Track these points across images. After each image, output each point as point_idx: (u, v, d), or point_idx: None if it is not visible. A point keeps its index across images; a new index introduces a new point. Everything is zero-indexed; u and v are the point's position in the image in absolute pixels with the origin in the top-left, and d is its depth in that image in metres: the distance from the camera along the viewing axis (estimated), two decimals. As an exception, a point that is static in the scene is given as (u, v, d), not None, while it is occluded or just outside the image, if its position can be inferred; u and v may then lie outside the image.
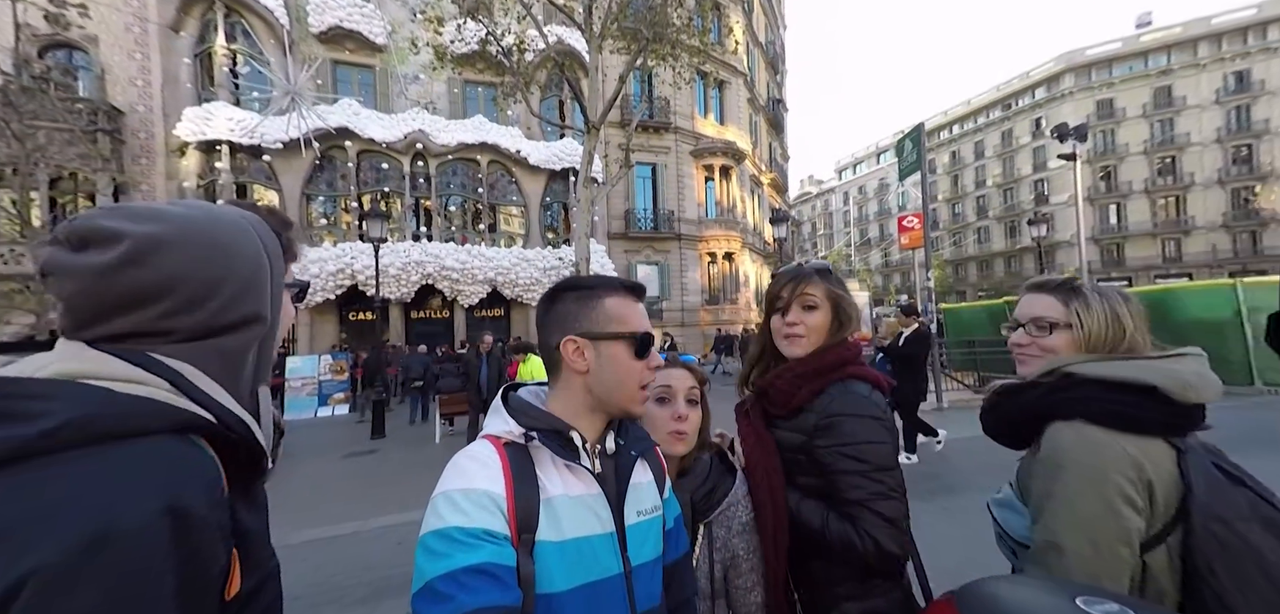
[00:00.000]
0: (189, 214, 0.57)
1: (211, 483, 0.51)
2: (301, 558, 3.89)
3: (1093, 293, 1.04)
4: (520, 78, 11.33)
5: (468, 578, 0.66)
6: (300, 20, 15.62)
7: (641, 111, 18.16)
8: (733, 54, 22.10)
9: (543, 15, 15.82)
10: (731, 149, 22.14)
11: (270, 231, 0.66)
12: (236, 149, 14.23)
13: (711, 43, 17.55)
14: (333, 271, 14.31)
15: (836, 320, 1.18)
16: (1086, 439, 0.90)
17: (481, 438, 0.81)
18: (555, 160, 17.52)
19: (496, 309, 17.01)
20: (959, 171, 53.87)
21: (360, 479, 6.25)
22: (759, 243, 25.75)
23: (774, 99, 30.33)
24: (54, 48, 13.93)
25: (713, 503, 1.06)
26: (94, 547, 0.41)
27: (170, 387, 0.52)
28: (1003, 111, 49.66)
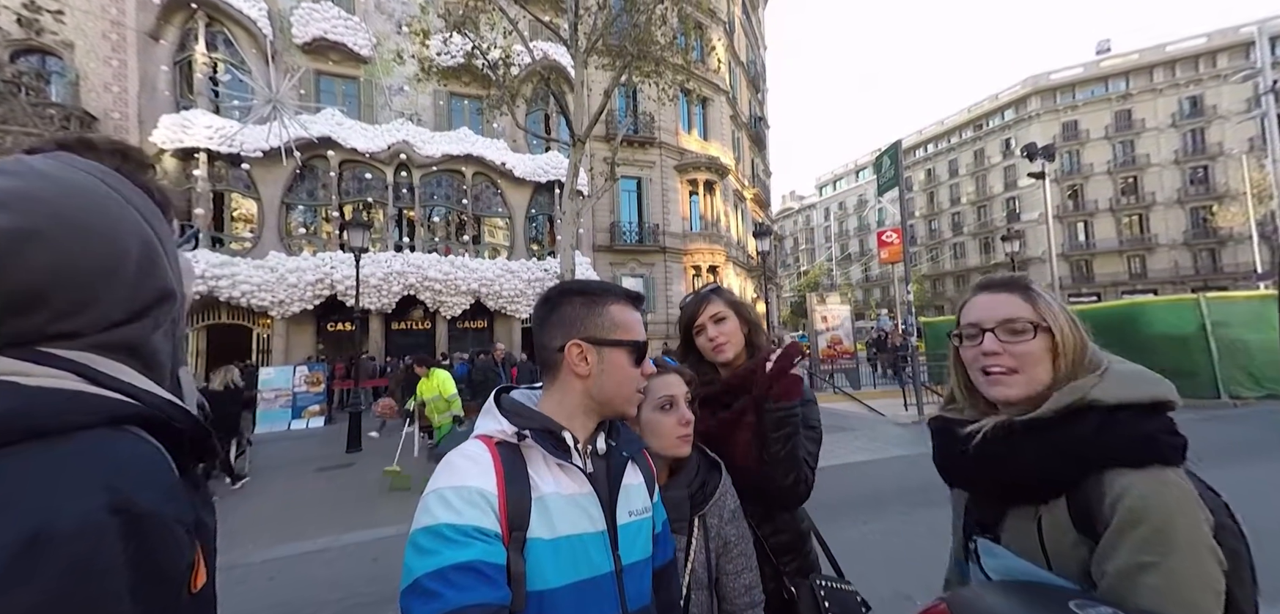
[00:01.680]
0: (33, 190, 0.45)
1: (161, 473, 0.48)
2: (267, 576, 3.75)
3: (1043, 290, 0.88)
4: (506, 91, 11.46)
5: (457, 575, 0.66)
6: (284, 31, 15.57)
7: (626, 126, 18.43)
8: (715, 72, 22.62)
9: (528, 31, 16.05)
10: (715, 164, 22.53)
11: (138, 189, 0.55)
12: (214, 157, 14.02)
13: (694, 61, 18.01)
14: (311, 281, 14.10)
15: (743, 322, 1.44)
16: (1179, 492, 0.72)
17: (474, 437, 0.83)
18: (541, 173, 17.62)
19: (480, 321, 16.90)
20: (934, 189, 55.53)
21: (334, 494, 6.07)
22: (743, 256, 26.11)
23: (756, 116, 31.01)
24: (27, 52, 13.66)
25: (706, 495, 1.13)
26: (28, 552, 0.37)
27: (79, 378, 0.47)
28: (974, 132, 51.50)
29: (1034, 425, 0.81)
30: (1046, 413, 0.81)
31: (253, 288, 13.66)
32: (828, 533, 1.49)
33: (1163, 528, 0.70)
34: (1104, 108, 43.56)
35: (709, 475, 1.17)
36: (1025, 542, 0.82)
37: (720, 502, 1.14)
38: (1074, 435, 0.78)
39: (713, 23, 23.12)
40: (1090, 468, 0.76)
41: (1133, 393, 0.78)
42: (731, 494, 1.17)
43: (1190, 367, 9.06)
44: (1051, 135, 42.13)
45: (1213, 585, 0.69)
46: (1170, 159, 41.12)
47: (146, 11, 14.39)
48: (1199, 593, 0.69)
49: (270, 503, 5.94)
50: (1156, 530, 0.71)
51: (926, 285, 52.55)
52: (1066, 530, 0.78)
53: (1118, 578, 0.72)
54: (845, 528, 3.72)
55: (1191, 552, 0.70)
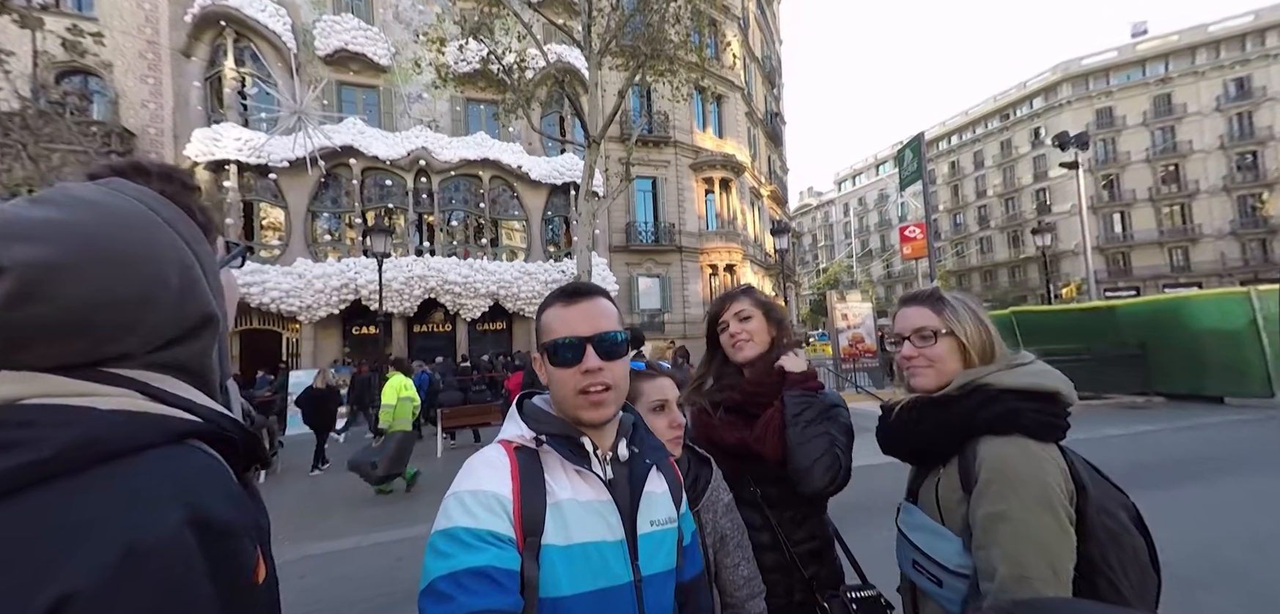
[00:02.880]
0: (69, 220, 0.47)
1: (226, 484, 0.51)
2: (299, 574, 3.85)
3: (956, 301, 1.08)
4: (521, 95, 11.57)
5: (469, 579, 0.67)
6: (307, 44, 16.04)
7: (641, 126, 18.40)
8: (730, 69, 22.44)
9: (542, 34, 16.20)
10: (731, 162, 22.35)
11: (180, 212, 0.57)
12: (244, 168, 14.53)
13: (708, 58, 17.89)
14: (336, 286, 14.49)
15: (771, 323, 1.44)
16: (1030, 454, 0.89)
17: (495, 442, 0.84)
18: (556, 175, 17.75)
19: (498, 323, 17.11)
20: (959, 182, 53.99)
21: (360, 494, 6.22)
22: (760, 255, 25.83)
23: (772, 112, 30.65)
24: (71, 73, 14.39)
25: (699, 490, 1.14)
26: (126, 564, 0.40)
27: (142, 396, 0.49)
28: (1001, 121, 49.90)
29: (936, 401, 1.03)
30: (949, 391, 1.01)
31: (282, 293, 14.11)
32: (849, 536, 1.47)
33: (1009, 482, 0.88)
34: (1141, 93, 41.70)
35: (700, 471, 1.18)
36: (929, 500, 1.02)
37: (713, 496, 1.16)
38: (960, 409, 0.99)
39: (727, 19, 22.94)
40: (969, 435, 0.96)
41: (1022, 381, 0.96)
42: (724, 488, 1.19)
43: (1240, 364, 8.57)
44: (1084, 123, 40.44)
45: (1041, 539, 0.84)
46: (1215, 145, 39.12)
47: (178, 30, 15.01)
48: (1026, 545, 0.84)
49: (301, 501, 6.13)
50: (1005, 485, 0.88)
51: (952, 281, 51.13)
52: (955, 489, 0.96)
53: (980, 527, 0.89)
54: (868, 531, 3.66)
55: (1029, 506, 0.86)
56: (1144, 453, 5.89)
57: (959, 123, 54.58)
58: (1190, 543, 3.31)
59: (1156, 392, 9.43)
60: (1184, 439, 6.52)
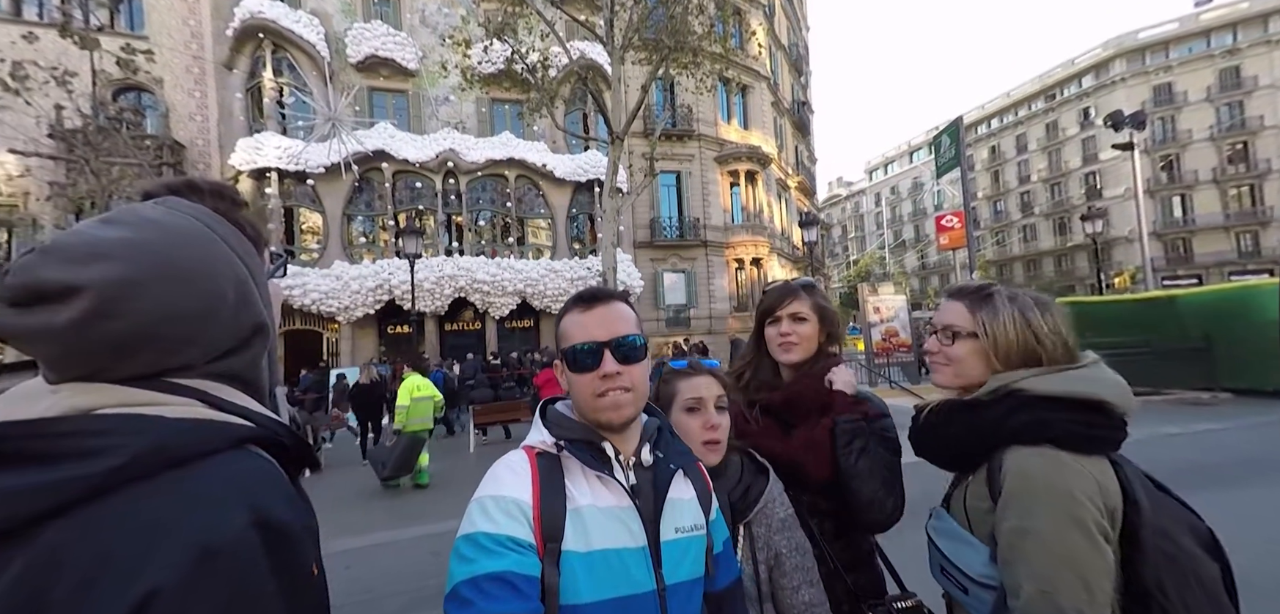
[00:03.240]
0: (137, 240, 0.50)
1: (282, 487, 0.53)
2: (343, 565, 4.00)
3: (1003, 300, 0.99)
4: (545, 94, 11.63)
5: (489, 585, 0.68)
6: (340, 52, 16.57)
7: (664, 120, 18.26)
8: (755, 58, 21.99)
9: (565, 31, 16.23)
10: (756, 154, 21.95)
11: (230, 226, 0.60)
12: (284, 175, 15.14)
13: (733, 48, 17.52)
14: (372, 288, 14.97)
15: (823, 328, 1.36)
16: (1059, 467, 0.84)
17: (520, 447, 0.84)
18: (580, 172, 17.82)
19: (526, 320, 17.34)
20: (1000, 167, 51.52)
21: (397, 489, 6.42)
22: (788, 247, 25.33)
23: (799, 101, 29.93)
24: (126, 90, 15.28)
25: (749, 502, 1.07)
26: (203, 562, 0.43)
27: (202, 405, 0.52)
28: (1046, 102, 47.28)
29: (965, 405, 0.99)
30: (979, 395, 0.96)
31: (321, 295, 14.68)
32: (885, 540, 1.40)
33: (1034, 497, 0.84)
34: (1205, 67, 38.72)
35: (754, 480, 1.10)
36: (959, 508, 0.98)
37: (767, 510, 1.07)
38: (988, 415, 0.94)
39: (752, 7, 22.46)
40: (997, 443, 0.91)
41: (1060, 388, 0.89)
42: (781, 503, 1.10)
43: (1324, 359, 7.90)
44: (1140, 101, 37.88)
45: (1069, 556, 0.80)
46: (1289, 118, 36.01)
47: (221, 44, 15.74)
48: (1053, 562, 0.80)
49: (344, 496, 6.36)
50: (1028, 498, 0.84)
51: (992, 271, 48.94)
52: (982, 498, 0.92)
53: (1005, 541, 0.86)
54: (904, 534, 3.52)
55: (1055, 523, 0.81)
56: (1207, 452, 5.53)
57: (1000, 105, 52.02)
58: (1256, 548, 3.08)
59: (1222, 387, 8.80)
60: (1252, 437, 6.13)
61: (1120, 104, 37.58)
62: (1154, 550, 0.80)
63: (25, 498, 0.43)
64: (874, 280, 44.59)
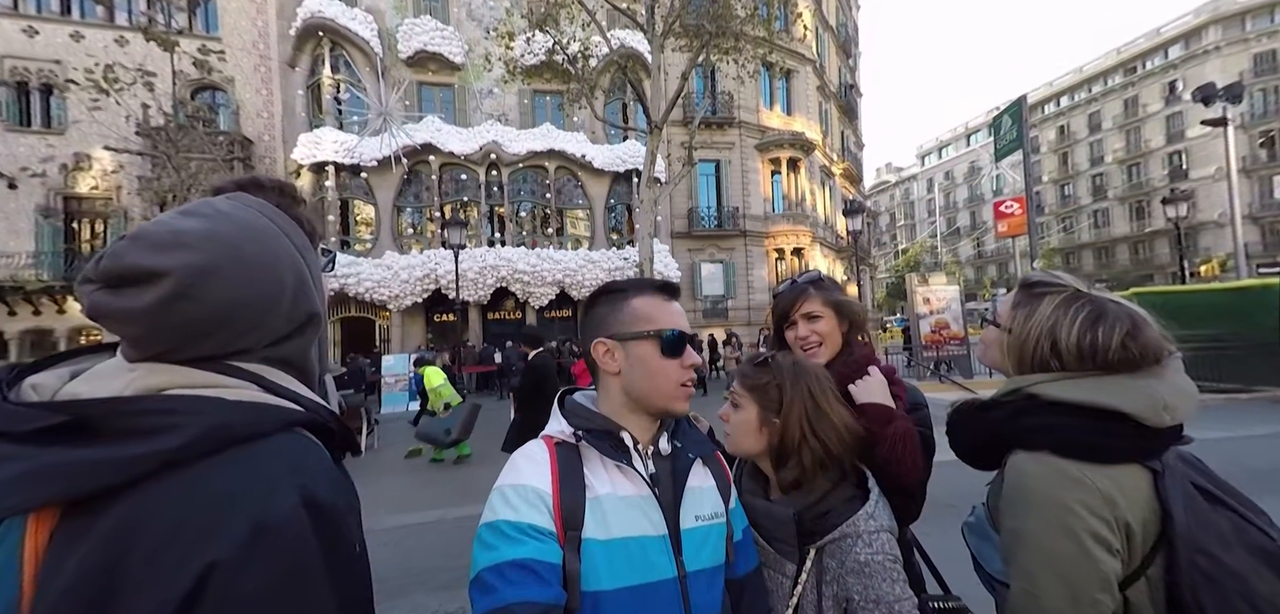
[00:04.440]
0: (215, 231, 0.55)
1: (329, 468, 0.56)
2: (396, 542, 4.18)
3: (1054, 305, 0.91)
4: (585, 84, 11.68)
5: (512, 572, 0.69)
6: (391, 47, 17.18)
7: (704, 108, 17.94)
8: (800, 41, 21.17)
9: (606, 20, 16.16)
10: (799, 140, 21.23)
11: (290, 220, 0.65)
12: (340, 168, 15.95)
13: (777, 31, 16.93)
14: (420, 277, 15.62)
15: (843, 320, 1.30)
16: (1054, 473, 0.83)
17: (539, 437, 0.85)
18: (619, 162, 17.82)
19: (565, 310, 17.64)
20: (1068, 148, 47.64)
21: (443, 471, 6.70)
22: (831, 237, 24.47)
23: (846, 84, 28.64)
24: (202, 90, 16.47)
25: (825, 525, 0.94)
26: (257, 537, 0.46)
27: (259, 389, 0.56)
28: (1125, 77, 43.19)
29: (984, 405, 0.98)
30: (995, 395, 0.96)
31: (373, 284, 15.46)
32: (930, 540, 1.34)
33: (1025, 501, 0.85)
34: (1319, 29, 34.18)
35: (840, 505, 0.96)
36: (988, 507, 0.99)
37: (843, 543, 0.92)
38: (997, 416, 0.94)
39: (798, -13, 21.57)
40: (1005, 446, 0.91)
41: (1075, 395, 0.86)
42: (866, 543, 0.92)
43: None
44: (1237, 72, 33.90)
45: (1056, 563, 0.80)
46: None
47: (284, 43, 16.65)
48: (1039, 565, 0.82)
49: (393, 476, 6.70)
50: (1022, 502, 0.85)
51: (1057, 260, 45.59)
52: (998, 497, 0.92)
53: (1003, 541, 0.89)
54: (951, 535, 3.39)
55: (1044, 528, 0.82)
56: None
57: (1069, 82, 47.97)
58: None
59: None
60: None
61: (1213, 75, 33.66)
62: (1189, 567, 0.77)
63: (104, 470, 0.46)
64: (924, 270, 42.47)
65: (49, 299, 15.24)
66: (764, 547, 1.00)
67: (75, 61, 14.70)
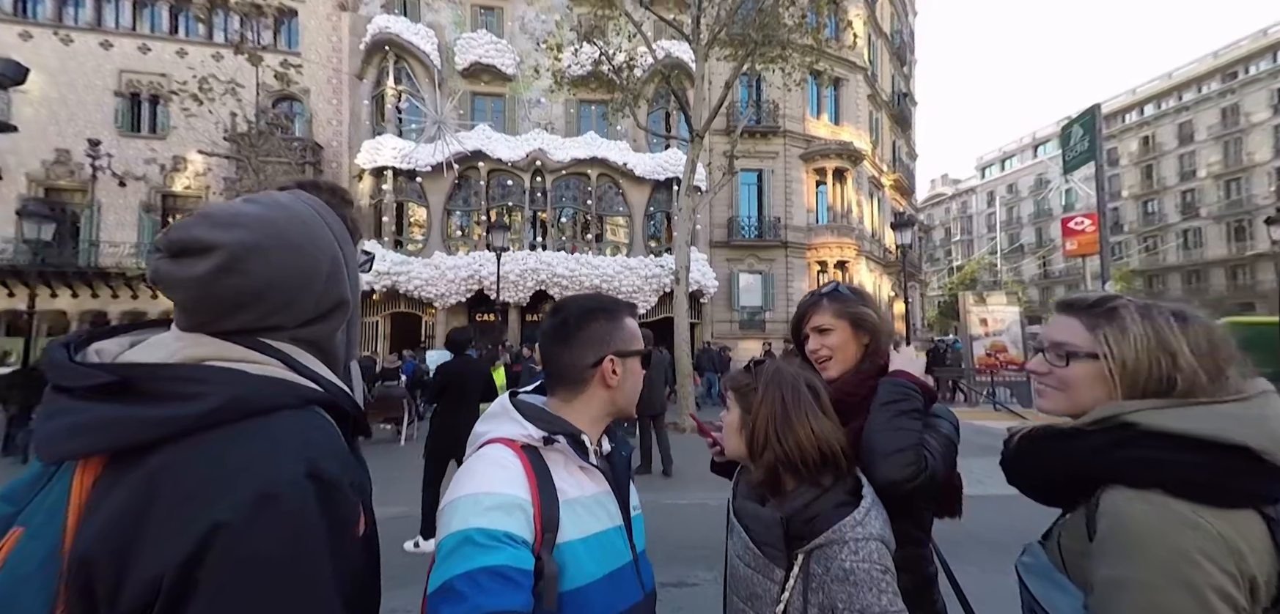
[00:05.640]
0: (268, 216, 0.61)
1: (339, 446, 0.59)
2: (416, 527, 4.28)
3: (1132, 314, 0.84)
4: (629, 93, 11.89)
5: (485, 579, 0.69)
6: (449, 60, 18.19)
7: (748, 117, 17.80)
8: (850, 49, 20.64)
9: (652, 31, 16.41)
10: (847, 150, 20.63)
11: (336, 217, 0.70)
12: (397, 173, 16.99)
13: (826, 39, 16.60)
14: (464, 277, 16.33)
15: (860, 333, 1.26)
16: (1170, 517, 0.72)
17: (495, 443, 0.84)
18: (660, 170, 17.98)
19: (602, 314, 17.89)
20: (1154, 161, 43.61)
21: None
22: (878, 251, 23.56)
23: (900, 93, 27.58)
24: (282, 100, 18.04)
25: (812, 530, 0.93)
26: (261, 503, 0.49)
27: (283, 366, 0.60)
28: (1223, 83, 39.12)
29: (1063, 433, 0.86)
30: (1081, 422, 0.84)
31: (422, 282, 16.32)
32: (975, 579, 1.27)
33: (1134, 544, 0.73)
34: None
35: (827, 509, 0.95)
36: (1053, 546, 0.88)
37: (829, 550, 0.91)
38: (1085, 446, 0.82)
39: (849, -5, 21.08)
40: (1095, 480, 0.80)
41: (1187, 426, 0.75)
42: (855, 550, 0.91)
43: None
44: (1364, 77, 29.99)
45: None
46: None
47: (355, 57, 17.99)
48: None
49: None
50: (1127, 549, 0.73)
51: (1138, 283, 41.71)
52: (1079, 538, 0.82)
53: (1097, 592, 0.76)
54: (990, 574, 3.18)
55: (1157, 578, 0.70)
56: None
57: (1156, 89, 43.99)
58: None
59: None
60: None
61: (1335, 83, 30.03)
62: None
63: (138, 427, 0.50)
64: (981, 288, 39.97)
65: (145, 285, 17.09)
66: (754, 551, 1.00)
67: (179, 75, 16.49)
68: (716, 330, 18.88)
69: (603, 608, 0.81)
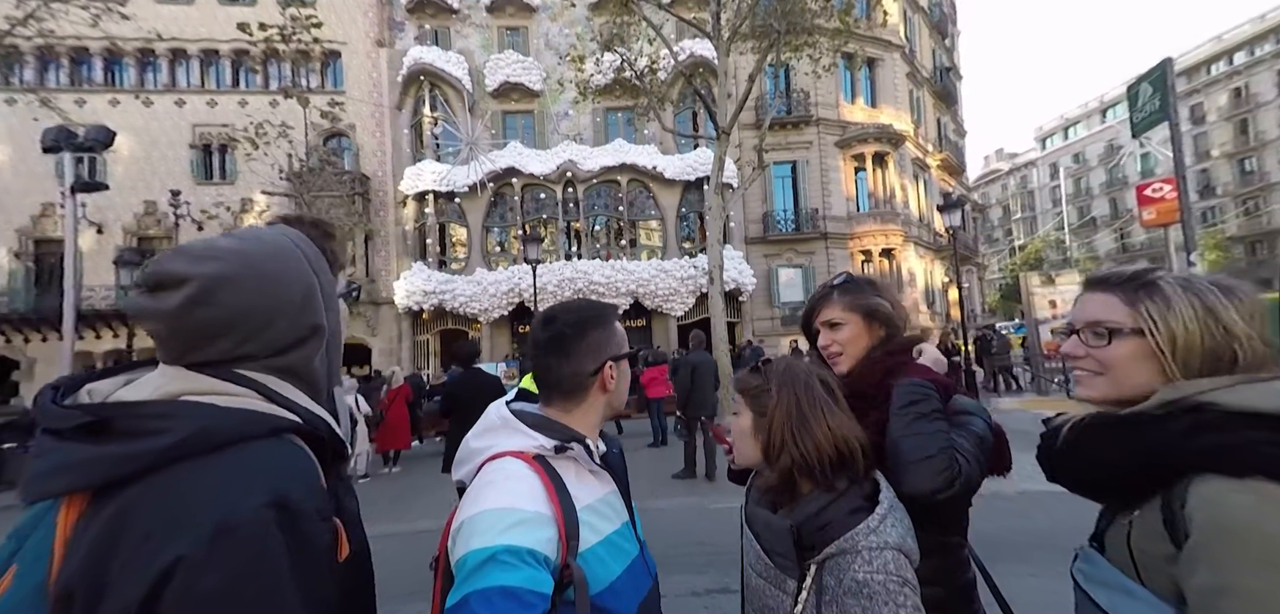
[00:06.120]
0: (241, 248, 0.63)
1: (307, 473, 0.59)
2: None
3: (1174, 287, 0.77)
4: (653, 96, 11.88)
5: (499, 598, 0.69)
6: (480, 82, 18.86)
7: (776, 108, 17.35)
8: (883, 27, 19.75)
9: (674, 33, 16.34)
10: (886, 133, 19.71)
11: (315, 248, 0.72)
12: (437, 196, 17.74)
13: (856, 20, 15.94)
14: (505, 291, 16.80)
15: (874, 325, 1.20)
16: (1272, 506, 0.63)
17: (508, 456, 0.84)
18: (689, 171, 17.84)
19: (639, 320, 17.89)
20: (1250, 113, 39.04)
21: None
22: (928, 235, 22.30)
23: (942, 67, 26.10)
24: (331, 136, 19.28)
25: (823, 539, 0.88)
26: (219, 536, 0.49)
27: (261, 396, 0.60)
28: (1333, 17, 34.47)
29: (1124, 421, 0.77)
30: (1147, 408, 0.75)
31: (466, 298, 16.91)
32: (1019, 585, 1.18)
33: (1237, 542, 0.63)
34: None
35: (840, 516, 0.89)
36: (1119, 550, 0.78)
37: (842, 560, 0.86)
38: (1161, 433, 0.72)
39: (880, -29, 20.17)
40: (1176, 471, 0.70)
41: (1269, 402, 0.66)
42: (868, 561, 0.85)
43: None
44: None
45: None
46: None
47: (393, 89, 18.99)
48: None
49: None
50: (1227, 545, 0.64)
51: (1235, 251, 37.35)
52: (1157, 540, 0.72)
53: (1195, 600, 0.66)
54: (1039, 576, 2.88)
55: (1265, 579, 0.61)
56: None
57: (1250, 33, 39.41)
58: None
59: None
60: None
61: None
62: None
63: (109, 464, 0.52)
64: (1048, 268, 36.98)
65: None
66: (766, 561, 0.96)
67: (241, 124, 17.99)
68: (757, 328, 18.44)
69: (627, 602, 0.84)
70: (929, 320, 20.18)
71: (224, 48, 19.07)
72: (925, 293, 21.34)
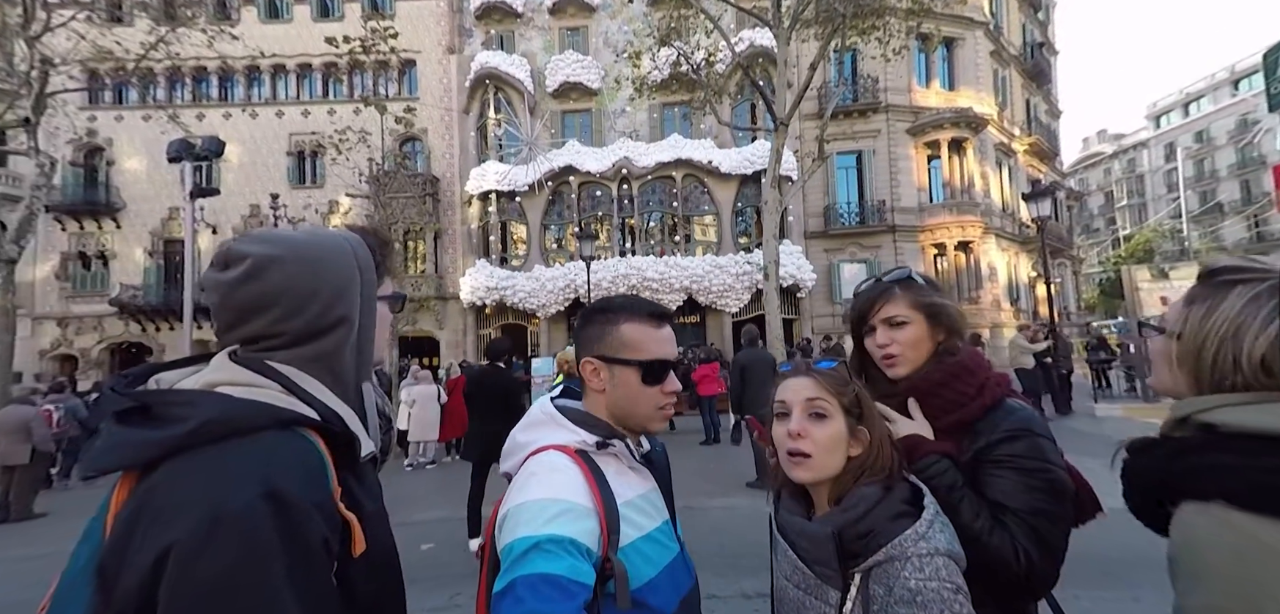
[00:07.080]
0: (298, 238, 0.69)
1: (310, 467, 0.59)
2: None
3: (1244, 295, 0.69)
4: (710, 89, 11.68)
5: (543, 585, 0.70)
6: (541, 84, 19.43)
7: (840, 95, 16.50)
8: (963, 4, 18.22)
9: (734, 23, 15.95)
10: (964, 117, 18.20)
11: (367, 250, 0.76)
12: (500, 195, 18.51)
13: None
14: (562, 287, 17.25)
15: (936, 328, 1.10)
16: (1231, 533, 0.62)
17: (551, 449, 0.86)
18: (746, 165, 17.42)
19: (693, 316, 17.77)
20: None
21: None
22: (1013, 226, 20.42)
23: (1034, 43, 23.70)
24: (407, 141, 20.63)
25: (868, 547, 0.84)
26: (212, 525, 0.51)
27: (282, 388, 0.63)
28: None
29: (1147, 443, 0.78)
30: (1161, 428, 0.77)
31: (525, 294, 17.56)
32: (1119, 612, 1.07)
33: (1197, 565, 0.65)
34: None
35: (884, 523, 0.84)
36: None
37: (890, 567, 0.81)
38: (1155, 458, 0.75)
39: (960, -59, 18.62)
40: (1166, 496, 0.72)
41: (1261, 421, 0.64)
42: (920, 568, 0.80)
43: None
44: None
45: None
46: None
47: (461, 93, 19.99)
48: None
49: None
50: (1190, 567, 0.66)
51: None
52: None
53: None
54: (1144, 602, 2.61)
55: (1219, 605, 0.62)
56: None
57: None
58: None
59: None
60: None
61: None
62: None
63: (139, 448, 0.56)
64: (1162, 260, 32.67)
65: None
66: (805, 572, 0.90)
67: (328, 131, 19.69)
68: (817, 325, 17.74)
69: (666, 599, 0.84)
70: (1013, 317, 18.47)
71: (316, 61, 20.91)
72: (1008, 288, 19.57)
